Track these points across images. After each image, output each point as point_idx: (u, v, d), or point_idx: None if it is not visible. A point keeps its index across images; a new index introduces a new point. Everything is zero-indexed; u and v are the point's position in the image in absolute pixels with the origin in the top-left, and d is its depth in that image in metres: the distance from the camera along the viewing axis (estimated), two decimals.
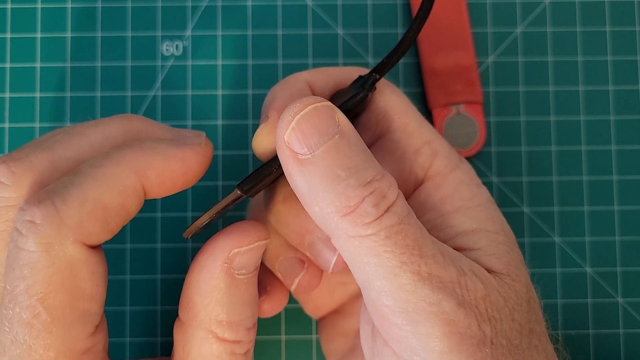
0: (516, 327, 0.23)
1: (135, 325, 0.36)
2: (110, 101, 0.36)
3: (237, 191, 0.25)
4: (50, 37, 0.37)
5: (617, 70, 0.37)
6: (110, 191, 0.23)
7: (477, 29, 0.37)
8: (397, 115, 0.28)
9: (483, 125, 0.36)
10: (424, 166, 0.27)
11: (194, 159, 0.25)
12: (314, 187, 0.22)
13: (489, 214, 0.26)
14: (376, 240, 0.21)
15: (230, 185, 0.36)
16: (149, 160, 0.24)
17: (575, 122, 0.36)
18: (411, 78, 0.37)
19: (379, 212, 0.22)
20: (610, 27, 0.37)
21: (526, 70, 0.37)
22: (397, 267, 0.21)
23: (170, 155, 0.25)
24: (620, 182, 0.36)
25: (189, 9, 0.37)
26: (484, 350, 0.22)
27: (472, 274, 0.23)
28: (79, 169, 0.23)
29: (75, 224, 0.22)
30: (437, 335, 0.21)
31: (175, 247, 0.36)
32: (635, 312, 0.36)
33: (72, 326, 0.22)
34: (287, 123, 0.22)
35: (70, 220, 0.22)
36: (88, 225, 0.22)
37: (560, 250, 0.36)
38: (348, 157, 0.22)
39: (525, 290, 0.24)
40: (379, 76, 0.26)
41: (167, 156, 0.25)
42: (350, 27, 0.37)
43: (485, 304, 0.22)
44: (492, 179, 0.36)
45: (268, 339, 0.36)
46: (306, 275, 0.27)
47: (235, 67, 0.37)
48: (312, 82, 0.27)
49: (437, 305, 0.21)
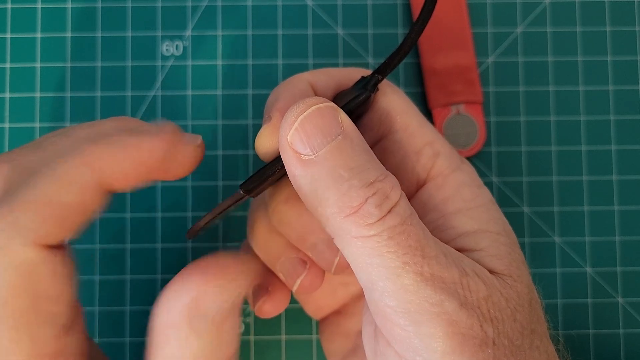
0: (518, 328, 0.23)
1: (135, 325, 0.36)
2: (110, 101, 0.36)
3: (240, 191, 0.25)
4: (50, 37, 0.37)
5: (617, 70, 0.37)
6: (65, 189, 0.22)
7: (477, 29, 0.37)
8: (399, 116, 0.28)
9: (483, 125, 0.36)
10: (426, 167, 0.27)
11: (153, 147, 0.24)
12: (316, 187, 0.22)
13: (491, 215, 0.26)
14: (379, 241, 0.21)
15: (230, 185, 0.36)
16: (105, 153, 0.23)
17: (575, 122, 0.37)
18: (411, 78, 0.37)
19: (382, 212, 0.22)
20: (610, 27, 0.37)
21: (526, 70, 0.37)
22: (400, 268, 0.21)
23: (126, 145, 0.24)
24: (620, 182, 0.36)
25: (189, 9, 0.37)
26: (486, 351, 0.22)
27: (474, 275, 0.23)
28: (36, 169, 0.23)
29: (30, 225, 0.21)
30: (439, 335, 0.21)
31: (175, 247, 0.36)
32: (635, 312, 0.36)
33: (39, 330, 0.22)
34: (290, 123, 0.22)
35: (23, 222, 0.21)
36: (44, 226, 0.22)
37: (560, 250, 0.36)
38: (351, 157, 0.22)
39: (527, 291, 0.24)
40: (381, 77, 0.27)
41: (123, 146, 0.24)
42: (350, 27, 0.37)
43: (488, 304, 0.22)
44: (492, 179, 0.36)
45: (268, 339, 0.36)
46: (308, 276, 0.27)
47: (235, 67, 0.37)
48: (314, 83, 0.27)
49: (439, 306, 0.21)
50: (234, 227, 0.36)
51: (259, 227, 0.28)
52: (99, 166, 0.23)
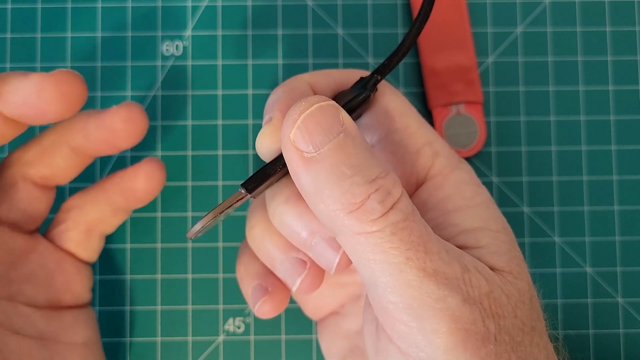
0: (519, 324, 0.23)
1: (135, 325, 0.36)
2: (110, 101, 0.36)
3: (242, 190, 0.25)
4: (50, 37, 0.37)
5: (617, 70, 0.37)
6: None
7: (477, 29, 0.37)
8: (398, 116, 0.28)
9: (483, 125, 0.36)
10: (425, 166, 0.27)
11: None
12: (319, 184, 0.22)
13: (490, 213, 0.26)
14: (382, 237, 0.22)
15: (230, 185, 0.36)
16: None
17: (575, 122, 0.37)
18: (411, 78, 0.37)
19: (384, 208, 0.22)
20: (610, 27, 0.37)
21: (526, 70, 0.37)
22: (403, 264, 0.21)
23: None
24: (620, 182, 0.36)
25: (189, 9, 0.37)
26: (488, 347, 0.22)
27: (476, 271, 0.23)
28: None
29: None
30: (442, 331, 0.21)
31: (175, 247, 0.36)
32: (635, 312, 0.36)
33: None
34: (292, 121, 0.22)
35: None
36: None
37: (560, 250, 0.36)
38: (353, 155, 0.22)
39: (527, 288, 0.24)
40: (380, 77, 0.27)
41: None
42: (350, 27, 0.37)
43: (489, 300, 0.22)
44: (492, 179, 0.36)
45: (268, 339, 0.36)
46: (308, 276, 0.27)
47: (235, 67, 0.37)
48: (314, 83, 0.28)
49: (442, 301, 0.21)
50: (234, 227, 0.36)
51: (258, 227, 0.28)
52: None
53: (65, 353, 0.31)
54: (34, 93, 0.27)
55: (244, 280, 0.30)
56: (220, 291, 0.36)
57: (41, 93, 0.27)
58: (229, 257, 0.36)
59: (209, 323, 0.36)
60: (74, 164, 0.31)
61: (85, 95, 0.28)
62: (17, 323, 0.30)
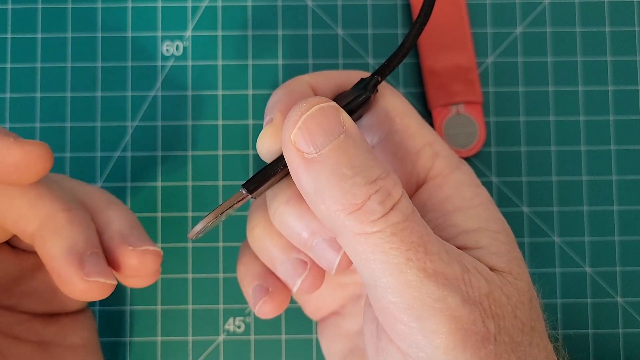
0: (518, 325, 0.23)
1: (135, 325, 0.36)
2: (110, 101, 0.36)
3: (242, 191, 0.25)
4: (50, 37, 0.37)
5: (616, 70, 0.37)
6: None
7: (477, 29, 0.37)
8: (398, 117, 0.28)
9: (483, 125, 0.36)
10: (426, 167, 0.27)
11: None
12: (320, 185, 0.22)
13: (490, 214, 0.26)
14: (382, 237, 0.22)
15: (231, 185, 0.36)
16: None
17: (575, 122, 0.37)
18: (411, 78, 0.37)
19: (385, 209, 0.22)
20: (610, 27, 0.37)
21: (526, 70, 0.37)
22: (403, 264, 0.21)
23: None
24: (620, 182, 0.36)
25: (189, 9, 0.37)
26: (488, 347, 0.22)
27: (476, 272, 0.23)
28: None
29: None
30: (442, 331, 0.21)
31: (175, 247, 0.36)
32: (635, 312, 0.36)
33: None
34: (293, 122, 0.22)
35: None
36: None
37: (560, 250, 0.36)
38: (354, 156, 0.22)
39: (527, 288, 0.24)
40: (380, 78, 0.27)
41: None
42: (350, 27, 0.37)
43: (489, 300, 0.22)
44: (492, 179, 0.36)
45: (268, 338, 0.36)
46: (309, 277, 0.27)
47: (235, 67, 0.37)
48: (314, 85, 0.28)
49: (442, 302, 0.21)
50: (234, 227, 0.36)
51: (259, 227, 0.28)
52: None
53: (64, 355, 0.31)
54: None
55: (244, 281, 0.30)
56: (220, 291, 0.36)
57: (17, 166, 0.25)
58: (230, 257, 0.36)
59: (209, 323, 0.36)
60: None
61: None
62: (17, 329, 0.30)
